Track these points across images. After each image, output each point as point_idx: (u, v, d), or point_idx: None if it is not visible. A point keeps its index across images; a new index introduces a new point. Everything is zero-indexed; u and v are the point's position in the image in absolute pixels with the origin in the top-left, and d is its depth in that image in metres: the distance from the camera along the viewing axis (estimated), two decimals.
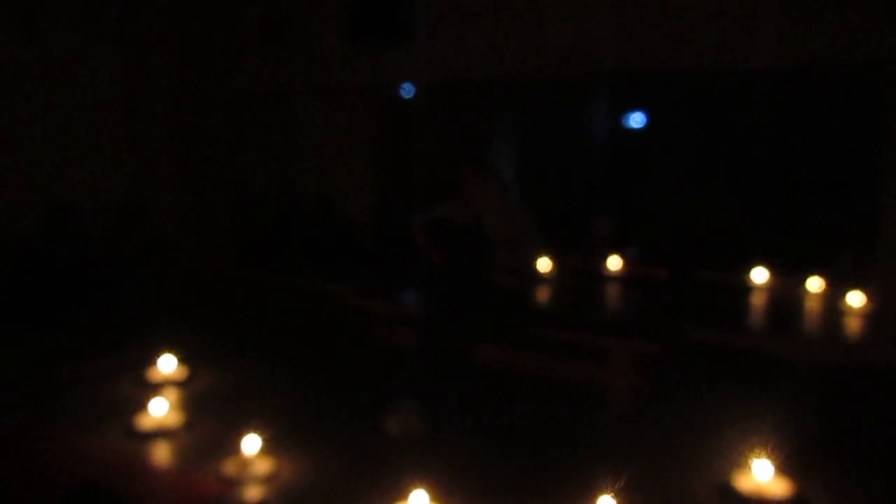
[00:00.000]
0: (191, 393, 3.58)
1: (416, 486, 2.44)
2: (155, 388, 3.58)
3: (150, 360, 3.75)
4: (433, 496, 2.45)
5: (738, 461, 2.72)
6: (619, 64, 5.47)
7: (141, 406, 3.18)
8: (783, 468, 2.67)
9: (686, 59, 5.27)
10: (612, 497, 2.39)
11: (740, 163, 6.63)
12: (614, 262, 5.91)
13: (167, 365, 3.73)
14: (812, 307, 5.07)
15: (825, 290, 5.23)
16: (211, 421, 3.19)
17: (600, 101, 7.45)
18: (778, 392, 3.61)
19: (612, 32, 5.44)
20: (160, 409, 3.13)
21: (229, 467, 2.73)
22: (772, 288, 5.44)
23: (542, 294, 5.36)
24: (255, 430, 2.80)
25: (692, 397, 3.52)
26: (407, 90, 6.95)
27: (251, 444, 2.76)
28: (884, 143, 4.89)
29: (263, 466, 2.74)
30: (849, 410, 3.46)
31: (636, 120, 7.51)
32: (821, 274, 5.28)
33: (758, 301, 5.29)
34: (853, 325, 4.61)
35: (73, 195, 5.83)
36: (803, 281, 5.31)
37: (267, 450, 2.79)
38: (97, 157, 6.25)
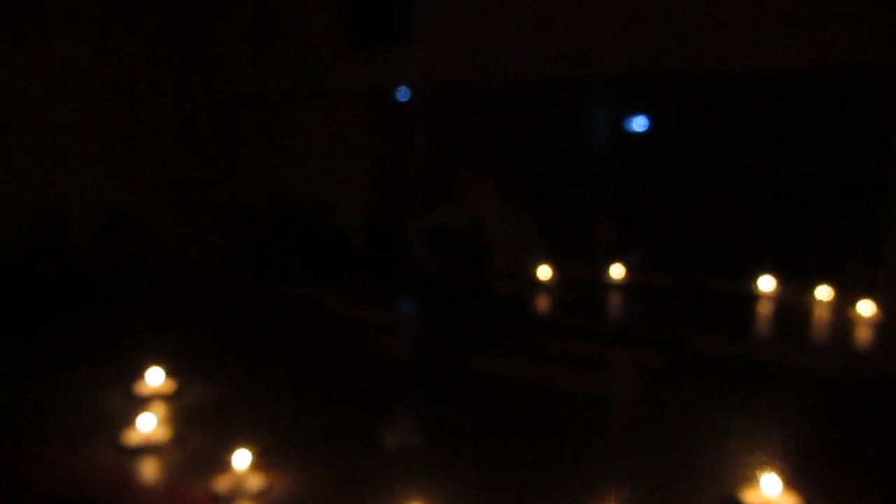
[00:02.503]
0: (180, 406, 3.58)
1: (412, 502, 2.44)
2: (143, 402, 3.58)
3: (138, 373, 3.75)
4: None
5: (745, 475, 2.73)
6: (620, 66, 5.52)
7: (128, 420, 3.18)
8: (791, 482, 2.68)
9: (689, 62, 5.33)
10: None
11: (746, 167, 6.66)
12: (616, 270, 5.93)
13: (155, 378, 3.73)
14: (821, 316, 5.08)
15: (834, 298, 5.25)
16: (201, 435, 3.19)
17: (601, 104, 7.49)
18: (786, 403, 3.61)
19: (614, 34, 5.49)
20: (148, 424, 3.13)
21: (220, 483, 2.73)
22: (779, 296, 5.46)
23: (543, 302, 5.37)
24: (247, 444, 2.80)
25: (697, 409, 3.52)
26: (402, 93, 6.99)
27: (242, 458, 2.76)
28: (893, 146, 4.93)
29: (255, 482, 2.74)
30: (859, 422, 3.47)
31: (638, 123, 7.55)
32: (830, 282, 5.30)
33: (765, 310, 5.31)
34: (863, 335, 4.63)
35: (59, 203, 5.84)
36: (811, 289, 5.33)
37: (259, 465, 2.79)
38: (83, 164, 6.26)
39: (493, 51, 5.97)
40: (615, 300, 5.64)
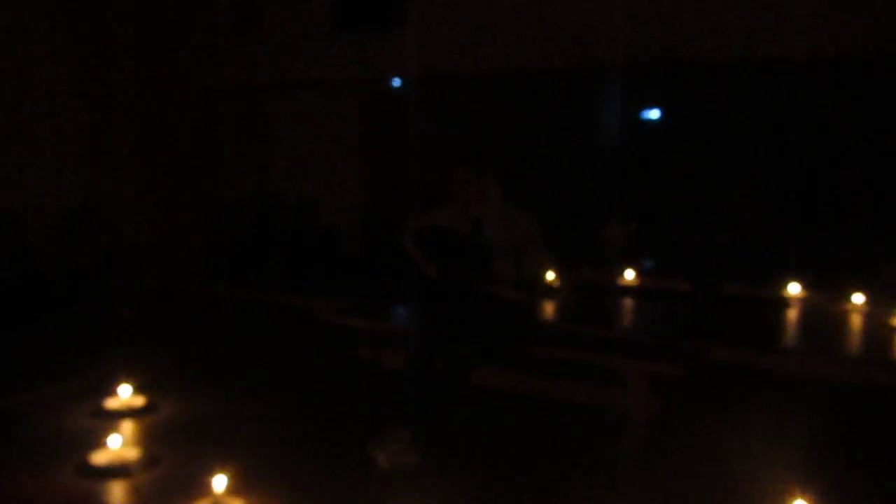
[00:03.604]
0: (151, 425, 3.55)
1: None
2: (111, 420, 3.55)
3: (106, 389, 3.73)
4: None
5: (771, 497, 2.71)
6: (633, 55, 5.52)
7: (95, 440, 3.16)
8: None
9: (708, 50, 5.32)
10: None
11: (771, 164, 6.68)
12: (630, 274, 5.94)
13: (125, 394, 3.71)
14: (854, 324, 5.09)
15: (869, 305, 5.26)
16: (175, 456, 3.17)
17: (612, 95, 7.50)
18: (816, 419, 3.61)
19: (625, 20, 5.49)
20: (117, 444, 3.11)
21: None
22: (808, 303, 5.46)
23: (549, 309, 5.38)
24: (225, 466, 2.78)
25: (718, 426, 3.52)
26: (396, 83, 7.00)
27: (220, 482, 2.74)
28: None
29: None
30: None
31: (652, 116, 7.57)
32: (863, 287, 5.31)
33: (792, 317, 5.31)
34: None
35: (16, 202, 5.80)
36: (844, 295, 5.34)
37: (238, 488, 2.77)
38: (45, 159, 6.22)
39: (494, 38, 5.97)
40: (628, 307, 5.65)
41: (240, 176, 7.64)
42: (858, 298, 5.30)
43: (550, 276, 5.59)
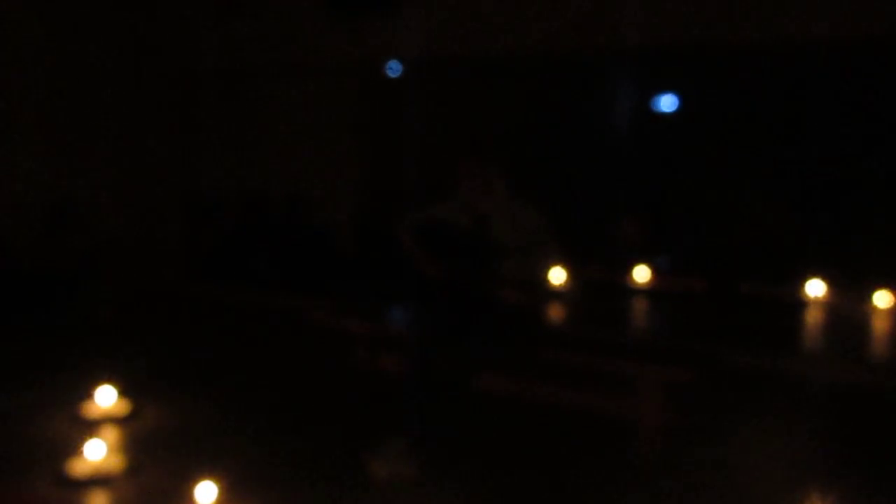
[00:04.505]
0: (134, 432, 3.57)
1: None
2: (90, 427, 3.57)
3: (86, 393, 3.74)
4: None
5: None
6: (646, 37, 5.52)
7: (74, 448, 3.17)
8: None
9: (726, 32, 5.32)
10: None
11: (792, 155, 6.67)
12: (642, 273, 5.94)
13: (106, 398, 3.72)
14: (880, 326, 5.09)
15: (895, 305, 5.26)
16: (159, 465, 3.19)
17: (624, 81, 7.49)
18: (838, 427, 3.61)
19: (640, 1, 5.49)
20: (97, 452, 3.12)
21: None
22: (830, 303, 5.47)
23: (557, 311, 5.38)
24: (212, 475, 2.80)
25: (734, 435, 3.52)
26: (394, 68, 6.99)
27: (207, 492, 2.76)
28: None
29: None
30: None
31: (667, 104, 7.56)
32: (890, 287, 5.31)
33: (813, 319, 5.32)
34: None
35: None
36: (869, 295, 5.34)
37: (226, 500, 2.79)
38: (19, 151, 6.22)
39: (499, 19, 5.97)
40: (640, 308, 5.66)
41: (225, 168, 7.64)
42: (887, 298, 5.30)
43: (559, 274, 5.60)
